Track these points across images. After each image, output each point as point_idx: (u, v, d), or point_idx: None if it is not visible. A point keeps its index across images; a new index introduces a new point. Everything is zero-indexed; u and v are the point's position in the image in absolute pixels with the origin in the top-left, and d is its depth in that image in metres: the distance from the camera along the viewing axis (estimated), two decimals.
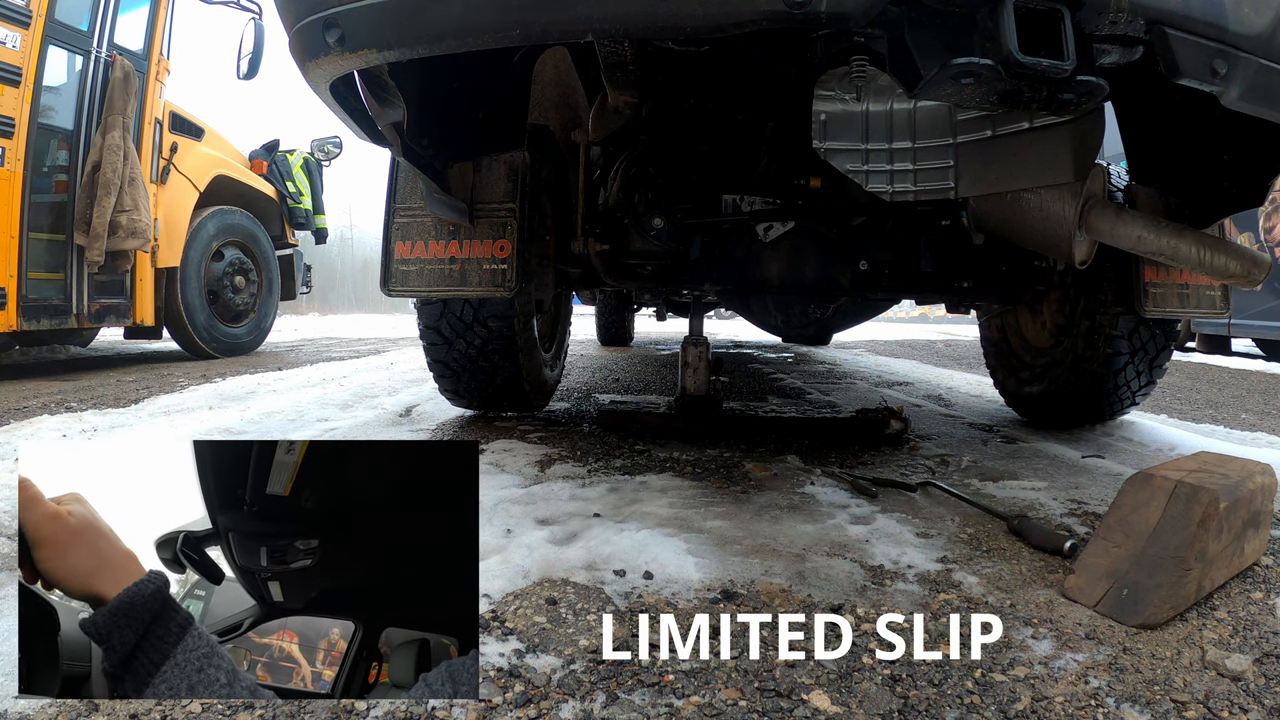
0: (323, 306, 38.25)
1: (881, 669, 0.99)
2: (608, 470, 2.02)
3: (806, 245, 2.49)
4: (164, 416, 2.90)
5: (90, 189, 4.46)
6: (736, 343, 8.57)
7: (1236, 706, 0.92)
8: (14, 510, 1.50)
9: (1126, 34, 1.20)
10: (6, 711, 0.86)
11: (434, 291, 2.14)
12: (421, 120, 1.67)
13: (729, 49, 1.77)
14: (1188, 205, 2.08)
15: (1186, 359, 6.86)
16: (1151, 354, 2.53)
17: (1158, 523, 1.18)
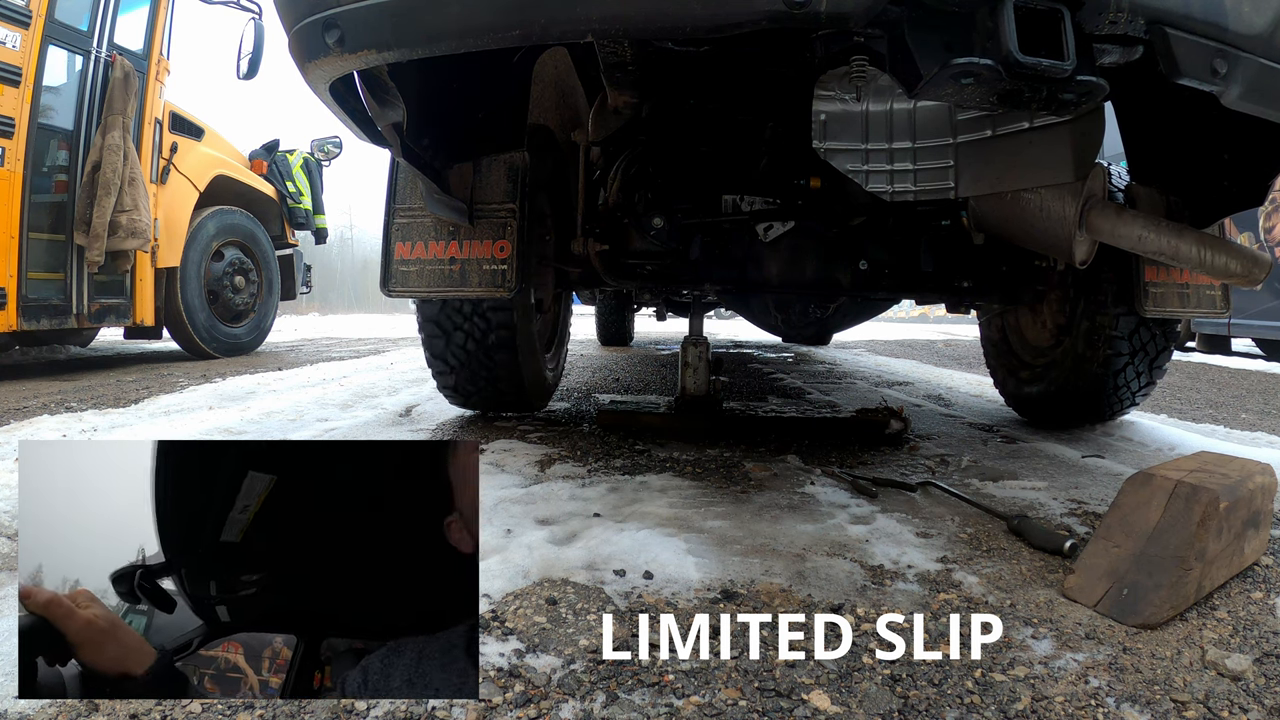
0: (323, 306, 38.27)
1: (881, 669, 0.99)
2: (608, 470, 2.02)
3: (806, 245, 2.49)
4: (164, 416, 2.90)
5: (90, 189, 4.46)
6: (736, 343, 8.57)
7: (1236, 706, 0.92)
8: (14, 510, 1.50)
9: (1126, 34, 1.20)
10: (6, 711, 0.87)
11: (434, 292, 2.14)
12: (421, 120, 1.67)
13: (729, 49, 1.76)
14: (1188, 205, 2.08)
15: (1186, 359, 6.85)
16: (1152, 354, 2.53)
17: (1158, 522, 1.18)
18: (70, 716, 0.86)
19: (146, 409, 3.07)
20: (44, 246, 4.35)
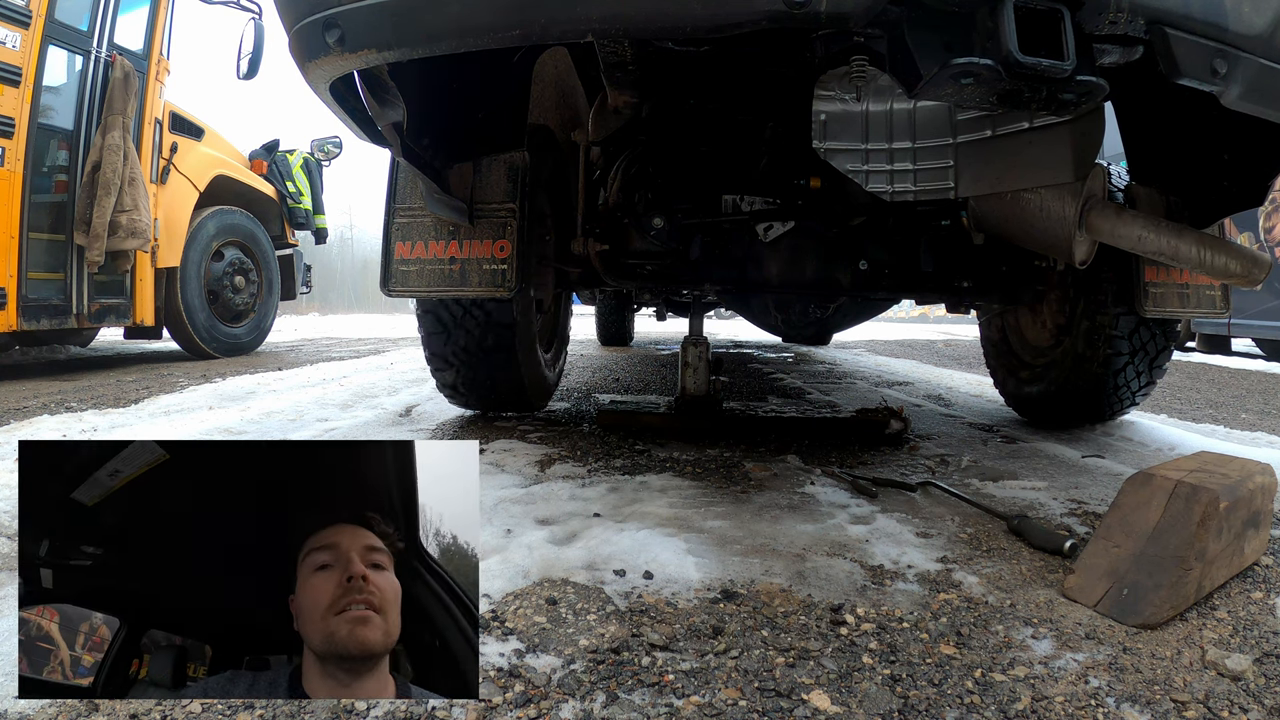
0: (323, 306, 38.28)
1: (881, 669, 0.99)
2: (608, 470, 2.02)
3: (806, 245, 2.50)
4: (164, 416, 2.90)
5: (90, 189, 4.46)
6: (736, 343, 8.57)
7: (1236, 706, 0.92)
8: (14, 510, 1.50)
9: (1126, 34, 1.20)
10: (6, 711, 0.87)
11: (434, 292, 2.14)
12: (421, 120, 1.67)
13: (729, 49, 1.77)
14: (1188, 205, 2.08)
15: (1186, 359, 6.85)
16: (1151, 354, 2.53)
17: (1158, 522, 1.18)
18: (70, 716, 0.86)
19: (146, 409, 3.07)
20: (44, 246, 4.35)
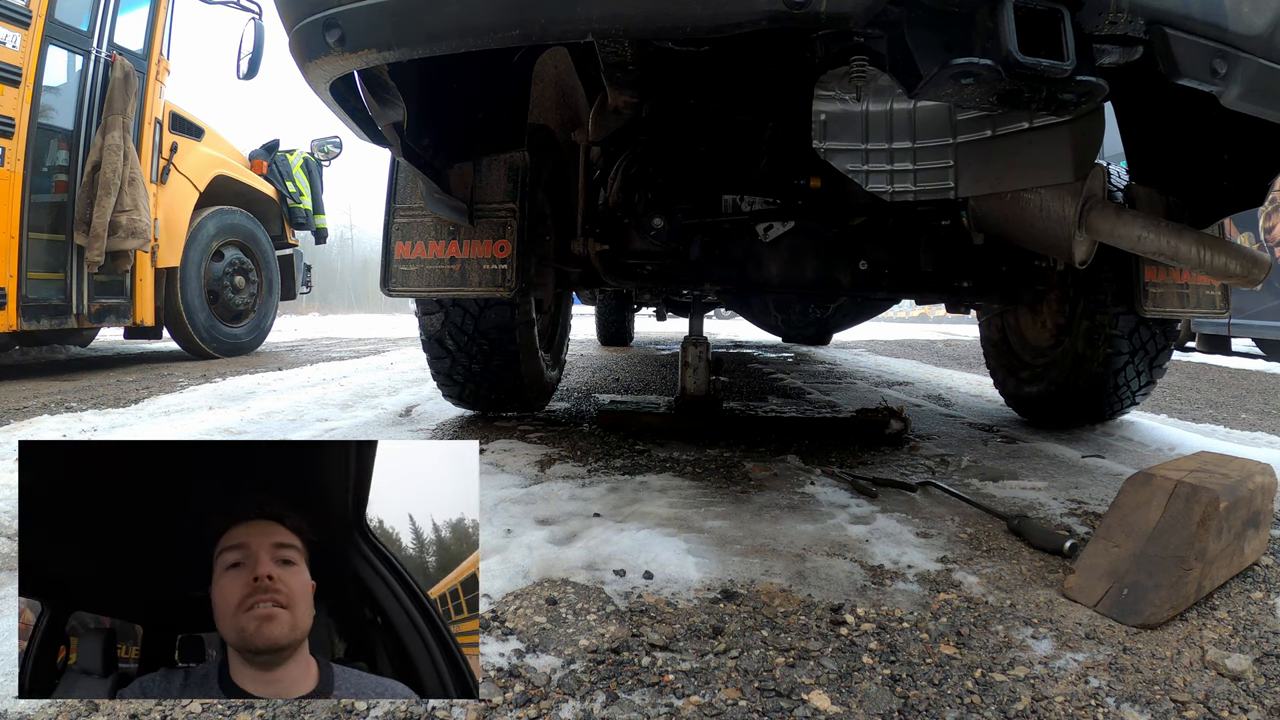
0: (323, 306, 38.28)
1: (881, 669, 0.99)
2: (608, 470, 2.02)
3: (806, 245, 2.49)
4: (164, 416, 2.90)
5: (90, 189, 4.46)
6: (736, 343, 8.57)
7: (1236, 706, 0.92)
8: (14, 510, 1.50)
9: (1126, 34, 1.20)
10: (6, 711, 0.87)
11: (434, 291, 2.14)
12: (421, 120, 1.67)
13: (729, 49, 1.77)
14: (1188, 205, 2.08)
15: (1186, 359, 6.85)
16: (1151, 354, 2.53)
17: (1158, 522, 1.18)
18: (70, 716, 0.86)
19: (146, 409, 3.07)
20: (44, 246, 4.35)
